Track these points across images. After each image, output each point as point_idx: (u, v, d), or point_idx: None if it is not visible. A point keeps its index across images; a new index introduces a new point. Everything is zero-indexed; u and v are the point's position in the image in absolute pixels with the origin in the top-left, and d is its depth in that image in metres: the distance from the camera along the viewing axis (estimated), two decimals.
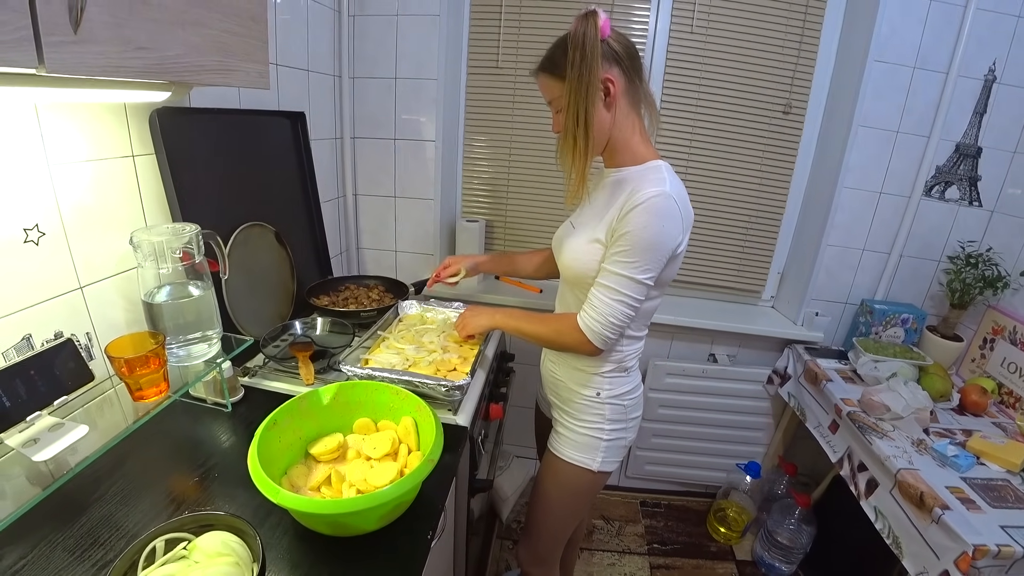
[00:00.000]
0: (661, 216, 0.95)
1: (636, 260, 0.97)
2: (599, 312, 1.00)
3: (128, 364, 0.85)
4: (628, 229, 0.96)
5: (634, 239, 0.96)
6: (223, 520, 0.72)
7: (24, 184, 0.84)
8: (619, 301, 0.99)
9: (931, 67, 1.69)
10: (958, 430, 1.50)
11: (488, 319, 1.26)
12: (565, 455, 1.18)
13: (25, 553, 0.73)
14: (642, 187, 0.96)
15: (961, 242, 1.83)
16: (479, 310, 1.29)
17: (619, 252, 0.98)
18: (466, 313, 1.31)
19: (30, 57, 0.53)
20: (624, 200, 0.98)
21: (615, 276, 0.99)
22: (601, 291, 1.01)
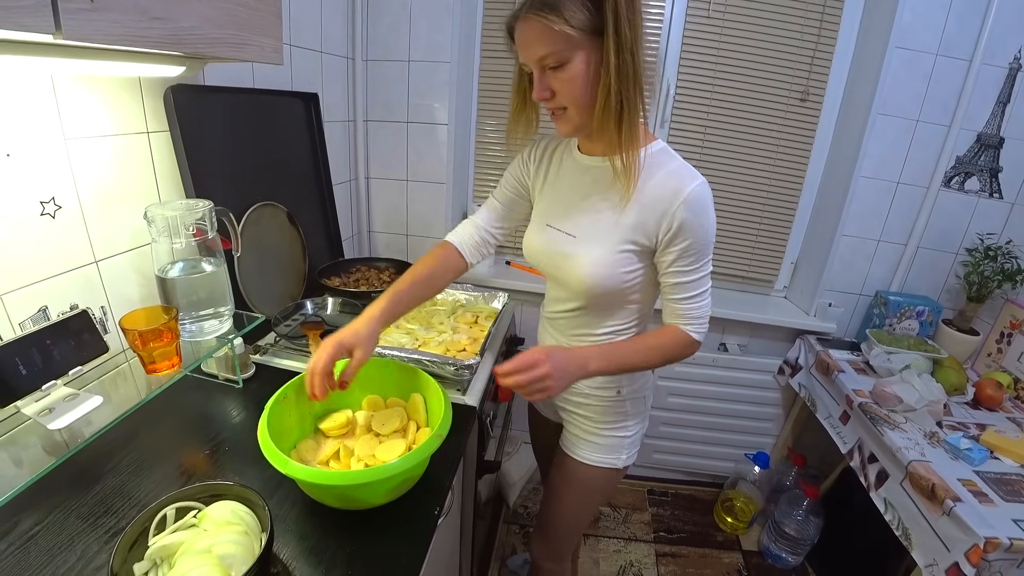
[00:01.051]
0: (710, 209, 0.88)
1: (706, 259, 0.91)
2: (702, 318, 0.93)
3: (142, 336, 0.86)
4: (690, 239, 0.87)
5: (700, 245, 0.88)
6: (233, 490, 0.73)
7: (41, 157, 0.85)
8: (707, 296, 0.93)
9: (954, 54, 1.65)
10: (972, 424, 1.49)
11: (580, 368, 0.88)
12: (588, 459, 1.11)
13: (41, 519, 0.75)
14: (675, 179, 0.87)
15: (980, 234, 1.79)
16: (565, 357, 0.86)
17: (690, 261, 0.89)
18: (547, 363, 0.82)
19: (47, 23, 0.53)
20: (660, 198, 0.87)
21: (697, 281, 0.91)
22: (693, 301, 0.91)
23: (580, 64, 0.81)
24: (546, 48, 0.80)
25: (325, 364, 0.83)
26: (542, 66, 0.83)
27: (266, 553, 0.65)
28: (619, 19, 0.76)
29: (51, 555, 0.70)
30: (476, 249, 1.10)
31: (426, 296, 1.05)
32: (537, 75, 0.85)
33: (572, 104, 0.85)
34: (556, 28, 0.77)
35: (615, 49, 0.77)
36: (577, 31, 0.78)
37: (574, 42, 0.79)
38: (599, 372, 0.91)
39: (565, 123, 0.89)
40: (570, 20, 0.77)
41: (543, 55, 0.81)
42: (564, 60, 0.81)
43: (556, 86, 0.84)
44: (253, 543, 0.68)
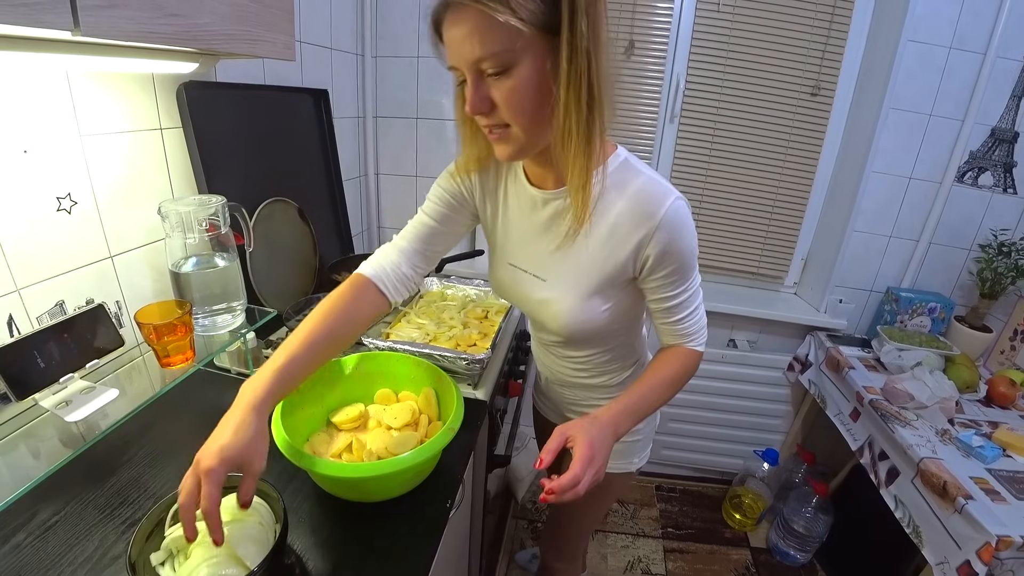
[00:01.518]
0: (689, 225, 0.78)
1: (692, 274, 0.83)
2: (701, 329, 0.88)
3: (156, 330, 0.87)
4: (672, 265, 0.78)
5: (682, 267, 0.80)
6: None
7: (57, 153, 0.86)
8: (701, 305, 0.88)
9: (968, 47, 1.63)
10: (984, 421, 1.47)
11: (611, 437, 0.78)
12: None
13: (59, 509, 0.76)
14: (646, 205, 0.75)
15: (994, 230, 1.77)
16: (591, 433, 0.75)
17: (676, 280, 0.81)
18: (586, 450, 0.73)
19: (66, 20, 0.54)
20: (640, 232, 0.76)
21: (687, 300, 0.84)
22: (687, 320, 0.85)
23: (528, 69, 0.64)
24: (486, 47, 0.63)
25: (216, 502, 0.60)
26: (478, 70, 0.66)
27: (280, 543, 0.66)
28: (576, 12, 0.61)
29: (69, 545, 0.71)
30: (402, 282, 0.88)
31: (330, 355, 0.81)
32: (472, 82, 0.67)
33: (516, 121, 0.68)
34: (500, 19, 0.60)
35: (568, 51, 0.62)
36: (527, 26, 0.61)
37: (522, 40, 0.62)
38: (628, 431, 0.81)
39: (506, 144, 0.72)
40: (518, 11, 0.60)
41: (481, 56, 0.63)
42: (508, 64, 0.64)
43: (497, 97, 0.67)
44: (267, 534, 0.69)
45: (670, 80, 1.85)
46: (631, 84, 1.84)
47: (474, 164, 0.85)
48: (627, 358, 0.99)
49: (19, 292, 0.83)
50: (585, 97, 0.65)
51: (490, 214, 0.91)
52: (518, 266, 0.89)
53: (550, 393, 1.15)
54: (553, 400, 1.16)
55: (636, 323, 0.93)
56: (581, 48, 0.62)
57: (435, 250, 0.91)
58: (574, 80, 0.63)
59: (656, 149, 1.94)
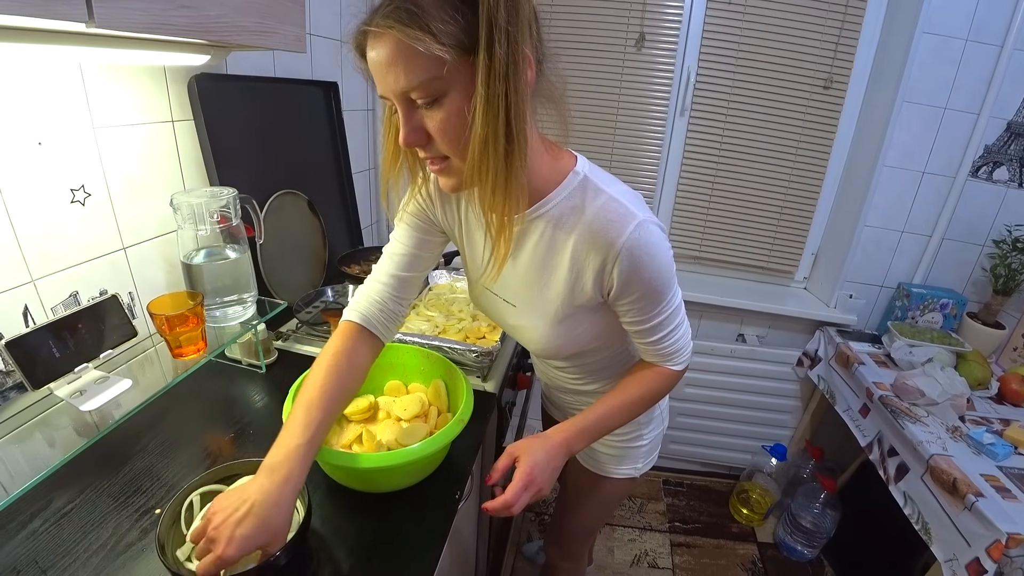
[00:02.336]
0: (656, 251, 0.71)
1: (669, 295, 0.77)
2: (683, 349, 0.84)
3: (169, 321, 0.88)
4: (642, 289, 0.73)
5: (656, 290, 0.74)
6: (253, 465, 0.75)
7: (71, 146, 0.87)
8: (682, 325, 0.83)
9: (985, 40, 1.61)
10: (995, 419, 1.46)
11: (561, 456, 0.80)
12: (605, 471, 1.06)
13: (73, 497, 0.77)
14: (605, 232, 0.69)
15: (1008, 226, 1.75)
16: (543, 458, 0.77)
17: (649, 306, 0.76)
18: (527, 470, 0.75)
19: (80, 11, 0.54)
20: (599, 260, 0.71)
21: (661, 323, 0.78)
22: (667, 339, 0.80)
23: (460, 96, 0.59)
24: (410, 77, 0.58)
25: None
26: (408, 100, 0.61)
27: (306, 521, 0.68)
28: (493, 32, 0.54)
29: (84, 532, 0.72)
30: (391, 319, 0.85)
31: (341, 411, 0.81)
32: (403, 113, 0.62)
33: (454, 152, 0.63)
34: (422, 49, 0.55)
35: (484, 75, 0.56)
36: (449, 51, 0.55)
37: (448, 66, 0.56)
38: (583, 448, 0.84)
39: (449, 176, 0.68)
40: (440, 36, 0.55)
41: (407, 87, 0.59)
42: (438, 93, 0.59)
43: (431, 127, 0.62)
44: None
45: (680, 73, 1.84)
46: (641, 78, 1.83)
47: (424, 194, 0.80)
48: (622, 363, 0.95)
49: (34, 283, 0.84)
50: (503, 127, 0.58)
51: (457, 233, 0.86)
52: (489, 289, 0.86)
53: (551, 396, 1.15)
54: (555, 403, 1.16)
55: (622, 336, 0.89)
56: (499, 73, 0.55)
57: (417, 275, 0.87)
58: (491, 108, 0.57)
59: (666, 143, 1.93)
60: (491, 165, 0.60)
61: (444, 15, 0.55)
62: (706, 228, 2.00)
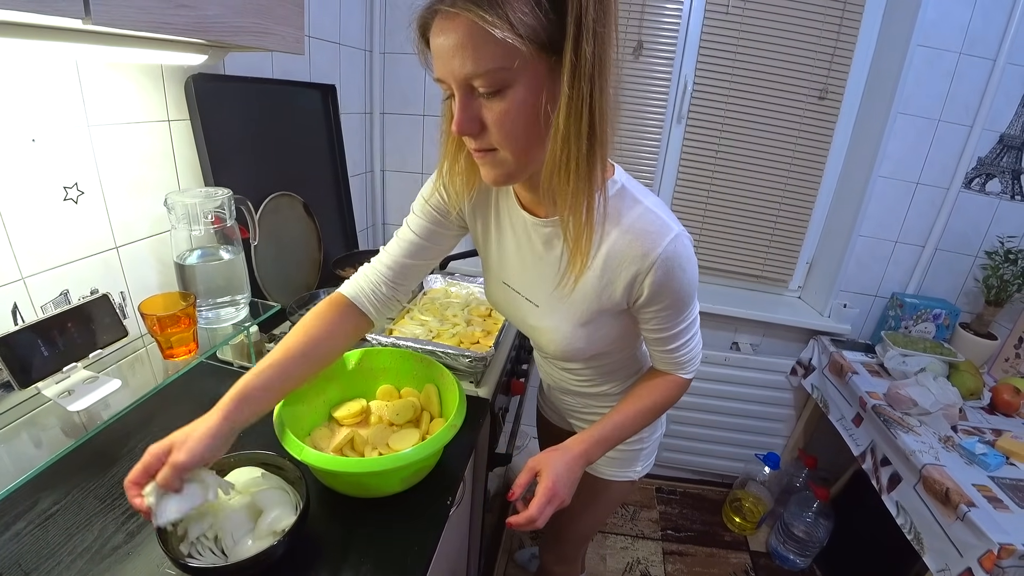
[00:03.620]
0: (688, 263, 0.72)
1: (689, 307, 0.79)
2: (695, 358, 0.86)
3: (160, 322, 0.87)
4: (669, 299, 0.74)
5: (679, 303, 0.76)
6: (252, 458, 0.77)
7: (65, 143, 0.86)
8: (697, 335, 0.85)
9: (978, 53, 1.62)
10: (987, 429, 1.47)
11: (579, 467, 0.81)
12: (603, 474, 1.06)
13: (59, 499, 0.77)
14: (643, 242, 0.70)
15: (1000, 237, 1.77)
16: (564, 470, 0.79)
17: (669, 316, 0.77)
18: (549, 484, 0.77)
19: (77, 8, 0.53)
20: (633, 269, 0.71)
21: (681, 332, 0.80)
22: (680, 350, 0.82)
23: (524, 91, 0.58)
24: (479, 64, 0.56)
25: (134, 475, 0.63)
26: (469, 87, 0.59)
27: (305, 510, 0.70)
28: (582, 33, 0.53)
29: (69, 534, 0.71)
30: (382, 303, 0.85)
31: (306, 373, 0.79)
32: (460, 99, 0.60)
33: (506, 146, 0.62)
34: (497, 35, 0.53)
35: (570, 76, 0.55)
36: (526, 43, 0.54)
37: (520, 59, 0.55)
38: (600, 456, 0.84)
39: (493, 168, 0.66)
40: (518, 26, 0.53)
41: (472, 73, 0.57)
42: (503, 84, 0.57)
43: (488, 118, 0.60)
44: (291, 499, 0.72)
45: (678, 81, 1.85)
46: (639, 85, 1.84)
47: (460, 184, 0.76)
48: (629, 367, 0.97)
49: (24, 281, 0.83)
50: (586, 128, 0.58)
51: (481, 230, 0.87)
52: (511, 286, 0.86)
53: (552, 399, 1.15)
54: (555, 406, 1.16)
55: (636, 339, 0.91)
56: (584, 73, 0.55)
57: (421, 264, 0.87)
58: (575, 108, 0.56)
59: (662, 150, 1.94)
60: (572, 162, 0.59)
61: (525, 6, 0.53)
62: (701, 236, 2.00)
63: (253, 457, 0.77)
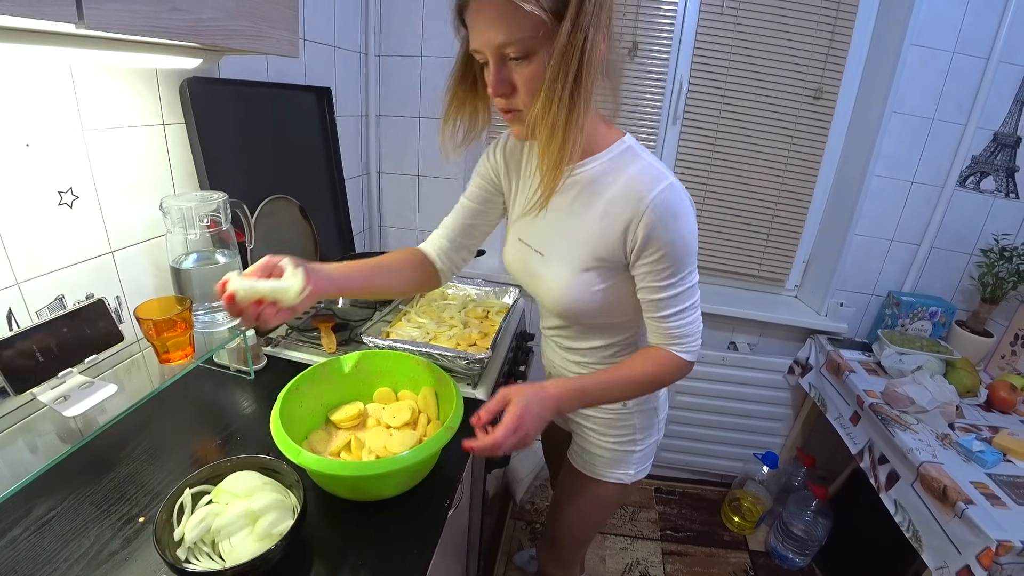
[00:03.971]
0: (682, 213, 0.78)
1: (687, 270, 0.82)
2: (691, 336, 0.85)
3: (156, 326, 0.86)
4: (661, 250, 0.78)
5: (674, 254, 0.79)
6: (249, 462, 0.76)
7: (59, 147, 0.86)
8: (695, 310, 0.85)
9: (971, 52, 1.63)
10: (984, 426, 1.47)
11: (552, 411, 0.81)
12: (596, 473, 1.07)
13: (55, 505, 0.76)
14: (640, 183, 0.77)
15: (995, 235, 1.77)
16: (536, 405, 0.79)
17: (666, 275, 0.80)
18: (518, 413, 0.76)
19: (70, 12, 0.53)
20: (628, 213, 0.77)
21: (677, 296, 0.82)
22: (676, 319, 0.83)
23: (545, 57, 0.68)
24: (511, 33, 0.67)
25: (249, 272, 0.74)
26: (501, 55, 0.70)
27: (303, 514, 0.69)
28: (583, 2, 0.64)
29: (65, 540, 0.71)
30: (448, 257, 1.01)
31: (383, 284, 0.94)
32: (494, 65, 0.71)
33: (530, 104, 0.72)
34: (527, 8, 0.64)
35: (569, 27, 0.64)
36: (548, 16, 0.65)
37: (544, 28, 0.66)
38: (573, 410, 0.89)
39: (519, 124, 0.77)
40: (542, 1, 0.64)
41: (505, 42, 0.68)
42: (530, 51, 0.68)
43: (518, 80, 0.71)
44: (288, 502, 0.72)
45: (673, 82, 1.85)
46: (634, 86, 1.84)
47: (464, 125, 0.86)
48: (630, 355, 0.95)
49: (19, 286, 0.82)
50: (573, 71, 0.66)
51: (512, 191, 0.96)
52: (524, 241, 0.92)
53: None
54: None
55: (638, 317, 0.92)
56: (582, 24, 0.64)
57: (479, 225, 1.01)
58: (567, 53, 0.65)
59: (658, 151, 1.94)
60: (553, 114, 0.68)
61: None
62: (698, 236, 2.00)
63: (250, 461, 0.77)
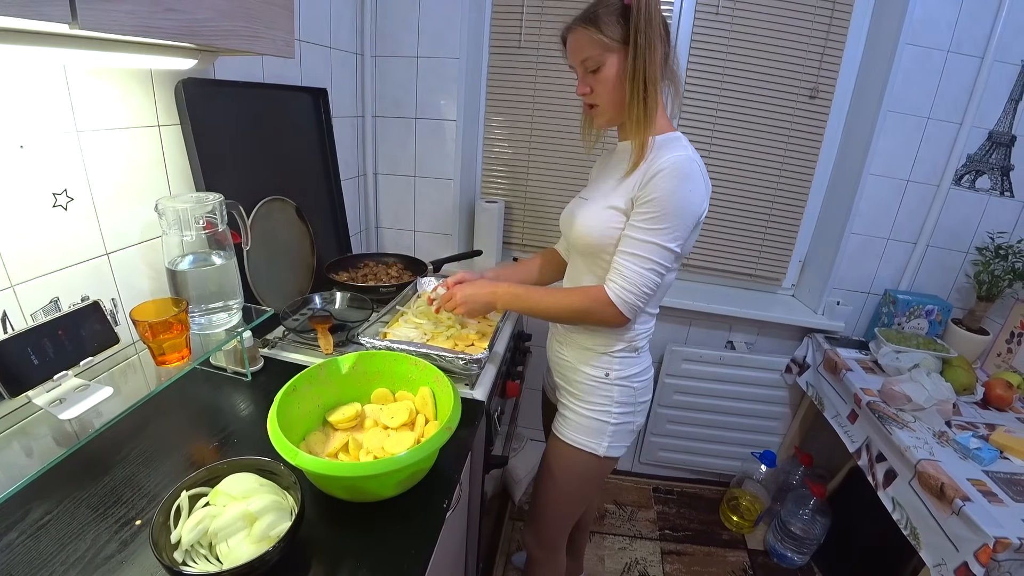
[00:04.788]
0: (687, 179, 0.94)
1: (665, 226, 0.94)
2: (630, 281, 0.97)
3: (152, 328, 0.86)
4: (654, 195, 0.94)
5: (662, 204, 0.94)
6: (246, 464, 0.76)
7: (54, 149, 0.86)
8: (650, 269, 0.96)
9: (966, 51, 1.64)
10: (981, 424, 1.47)
11: (488, 295, 1.11)
12: (570, 439, 1.15)
13: (51, 508, 0.76)
14: (664, 153, 0.95)
15: (991, 233, 1.78)
16: (477, 284, 1.14)
17: (647, 218, 0.95)
18: (462, 288, 1.13)
19: (64, 12, 0.53)
20: (645, 167, 0.97)
21: (644, 243, 0.96)
22: (629, 259, 0.97)
23: (612, 68, 0.97)
24: (585, 53, 0.98)
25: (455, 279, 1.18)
26: (584, 68, 1.00)
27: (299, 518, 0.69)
28: (637, 32, 0.91)
29: (62, 544, 0.70)
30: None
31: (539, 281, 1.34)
32: (580, 75, 1.02)
33: (604, 101, 1.01)
34: (595, 38, 0.95)
35: (632, 56, 0.93)
36: (611, 40, 0.94)
37: (607, 49, 0.95)
38: (505, 304, 1.10)
39: (599, 116, 1.05)
40: (605, 32, 0.94)
41: (584, 58, 0.99)
42: (600, 64, 0.97)
43: (593, 85, 1.00)
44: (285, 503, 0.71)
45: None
46: None
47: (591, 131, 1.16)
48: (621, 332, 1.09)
49: (14, 288, 0.82)
50: (640, 88, 0.95)
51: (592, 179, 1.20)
52: (582, 196, 1.15)
53: (549, 355, 1.27)
54: (549, 362, 1.28)
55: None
56: (639, 55, 0.93)
57: None
58: (634, 75, 0.94)
59: None
60: (636, 108, 0.96)
61: (608, 20, 0.94)
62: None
63: (247, 463, 0.77)
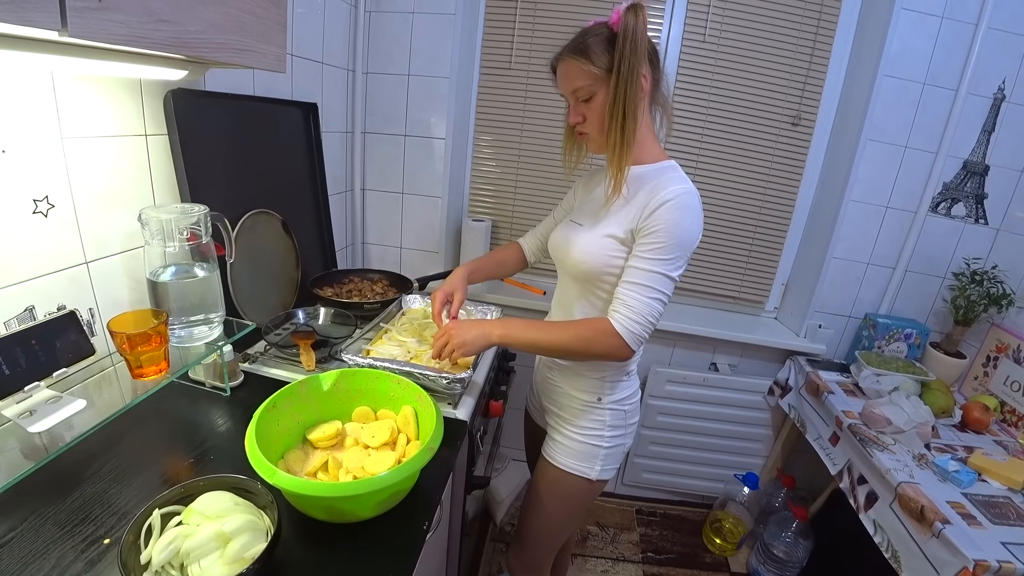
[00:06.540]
0: (689, 211, 0.95)
1: (671, 256, 0.95)
2: (635, 311, 0.95)
3: (130, 340, 0.84)
4: (660, 226, 0.94)
5: (667, 235, 0.94)
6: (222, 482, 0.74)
7: (37, 155, 0.85)
8: (654, 298, 0.95)
9: (941, 84, 1.69)
10: (959, 446, 1.49)
11: (482, 336, 1.04)
12: (562, 463, 1.14)
13: (15, 525, 0.73)
14: (667, 184, 0.96)
15: (966, 259, 1.82)
16: (468, 324, 1.06)
17: (652, 248, 0.95)
18: (451, 329, 1.05)
19: (54, 20, 0.53)
20: (647, 197, 0.97)
21: (650, 273, 0.95)
22: (636, 289, 0.96)
23: (602, 97, 0.97)
24: (576, 83, 0.98)
25: (438, 309, 1.15)
26: (575, 97, 1.01)
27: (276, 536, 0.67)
28: (621, 59, 0.92)
29: (24, 563, 0.67)
30: (534, 255, 1.34)
31: (497, 274, 1.35)
32: (572, 103, 1.03)
33: (594, 128, 1.01)
34: (584, 68, 0.96)
35: (615, 82, 0.93)
36: (600, 71, 0.95)
37: (598, 79, 0.96)
38: (503, 342, 1.04)
39: (590, 143, 1.06)
40: (595, 62, 0.95)
41: (575, 88, 0.99)
42: (591, 93, 0.98)
43: (586, 114, 1.01)
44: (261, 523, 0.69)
45: None
46: None
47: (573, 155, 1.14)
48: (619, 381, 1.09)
49: None
50: (620, 114, 0.94)
51: (577, 201, 1.23)
52: (575, 220, 1.14)
53: (538, 380, 1.29)
54: (537, 387, 1.30)
55: None
56: (621, 83, 0.93)
57: None
58: (615, 102, 0.94)
59: None
60: (614, 135, 0.96)
61: (597, 50, 0.94)
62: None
63: (223, 481, 0.74)
